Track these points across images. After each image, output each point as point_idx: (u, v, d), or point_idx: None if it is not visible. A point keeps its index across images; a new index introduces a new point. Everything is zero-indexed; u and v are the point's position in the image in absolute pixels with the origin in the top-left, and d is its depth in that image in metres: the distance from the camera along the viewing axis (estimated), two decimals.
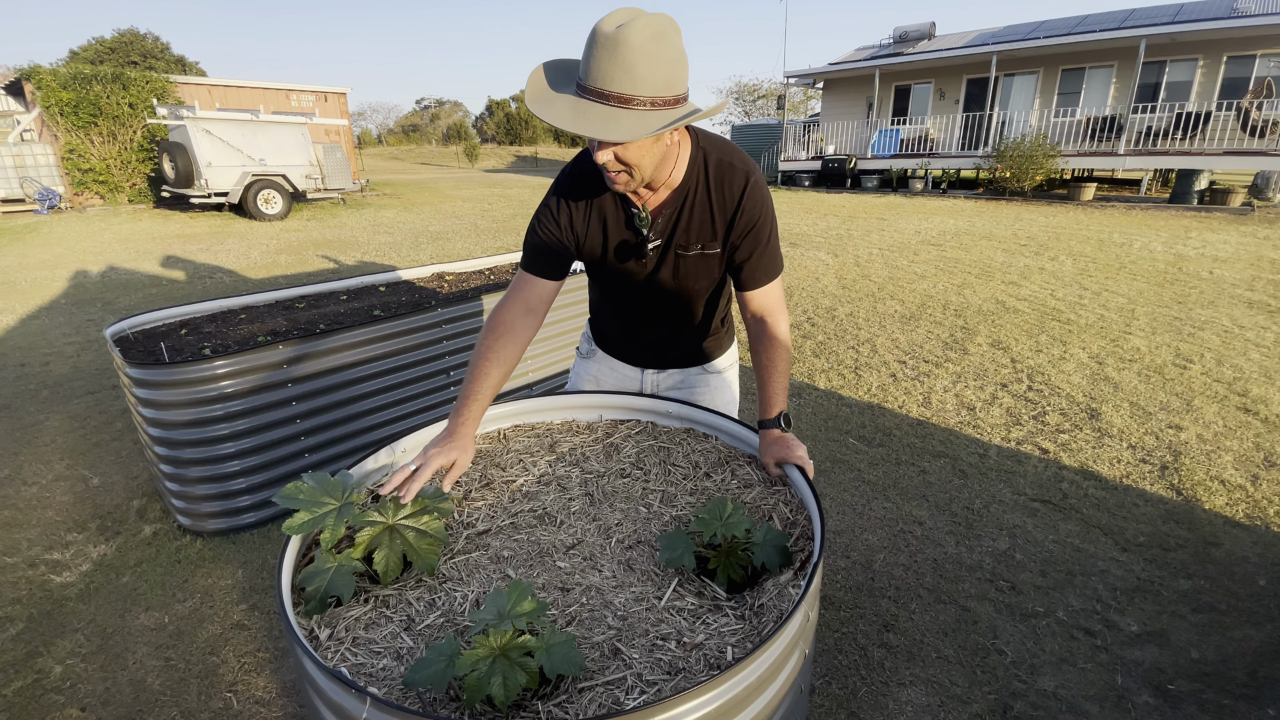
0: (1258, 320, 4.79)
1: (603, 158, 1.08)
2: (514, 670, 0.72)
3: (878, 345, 4.48)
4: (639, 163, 1.10)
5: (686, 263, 1.29)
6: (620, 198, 1.24)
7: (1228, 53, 12.88)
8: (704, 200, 1.23)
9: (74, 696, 1.75)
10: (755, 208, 1.24)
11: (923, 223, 9.98)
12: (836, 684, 1.76)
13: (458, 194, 16.00)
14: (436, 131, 48.84)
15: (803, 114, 30.80)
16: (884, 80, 17.10)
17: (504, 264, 3.95)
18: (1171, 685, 1.73)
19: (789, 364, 1.31)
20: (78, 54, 26.59)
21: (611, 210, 1.26)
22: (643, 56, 0.97)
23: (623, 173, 1.11)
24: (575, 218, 1.26)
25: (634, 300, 1.39)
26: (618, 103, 1.00)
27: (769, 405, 1.27)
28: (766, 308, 1.31)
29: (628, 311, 1.43)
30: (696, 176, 1.22)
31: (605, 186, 1.21)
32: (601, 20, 0.99)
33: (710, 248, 1.27)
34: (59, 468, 2.98)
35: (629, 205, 1.24)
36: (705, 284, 1.34)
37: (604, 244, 1.29)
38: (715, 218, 1.24)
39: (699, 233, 1.25)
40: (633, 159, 1.09)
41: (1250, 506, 2.53)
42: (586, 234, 1.28)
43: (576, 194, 1.25)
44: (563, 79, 1.09)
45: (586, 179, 1.24)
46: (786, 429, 1.23)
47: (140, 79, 12.91)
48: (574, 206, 1.26)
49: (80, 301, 5.92)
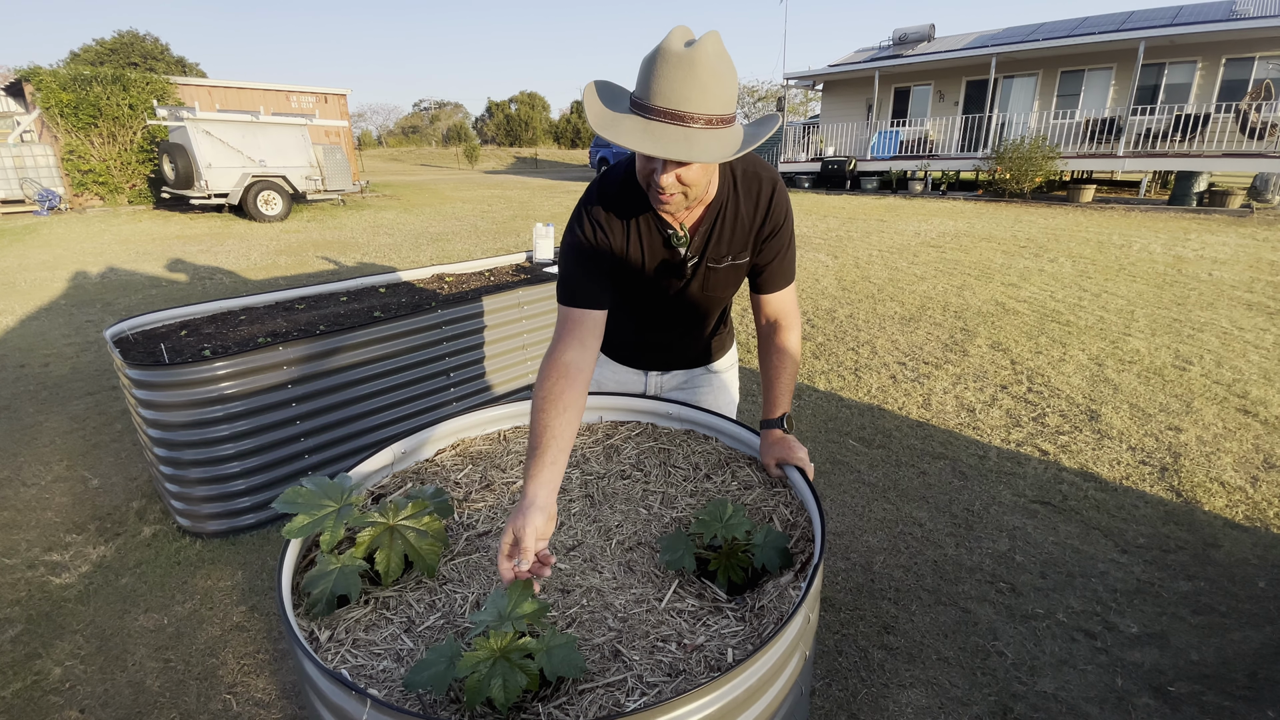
0: (1257, 322, 4.79)
1: (666, 180, 1.04)
2: (514, 672, 0.72)
3: (877, 347, 4.48)
4: (697, 182, 1.08)
5: (717, 275, 1.28)
6: (655, 217, 1.20)
7: (1226, 55, 12.89)
8: (735, 213, 1.22)
9: (73, 698, 1.75)
10: (780, 214, 1.24)
11: (922, 224, 9.98)
12: (837, 686, 1.76)
13: (457, 195, 16.00)
14: (436, 133, 48.89)
15: (802, 115, 30.84)
16: (883, 82, 17.12)
17: (504, 265, 3.96)
18: (1171, 687, 1.73)
19: (796, 368, 1.32)
20: (78, 55, 26.61)
21: (646, 230, 1.21)
22: (714, 75, 0.95)
23: (679, 194, 1.08)
24: (613, 242, 1.20)
25: (656, 312, 1.38)
26: (692, 122, 0.97)
27: (773, 406, 1.28)
28: (782, 311, 1.32)
29: (646, 322, 1.42)
30: (728, 191, 1.20)
31: (635, 207, 1.18)
32: (667, 39, 0.96)
33: (740, 258, 1.27)
34: (58, 469, 2.98)
35: (664, 225, 1.20)
36: (730, 292, 1.35)
37: (642, 265, 1.24)
38: (748, 230, 1.24)
39: (731, 245, 1.24)
40: (693, 179, 1.06)
41: (1250, 508, 2.53)
42: (627, 255, 1.22)
43: (609, 218, 1.20)
44: (615, 99, 1.05)
45: (615, 201, 1.20)
46: (788, 431, 1.24)
47: (140, 80, 12.91)
48: (610, 231, 1.20)
49: (80, 302, 5.92)
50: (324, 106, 16.37)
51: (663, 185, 1.05)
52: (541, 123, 46.59)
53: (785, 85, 20.04)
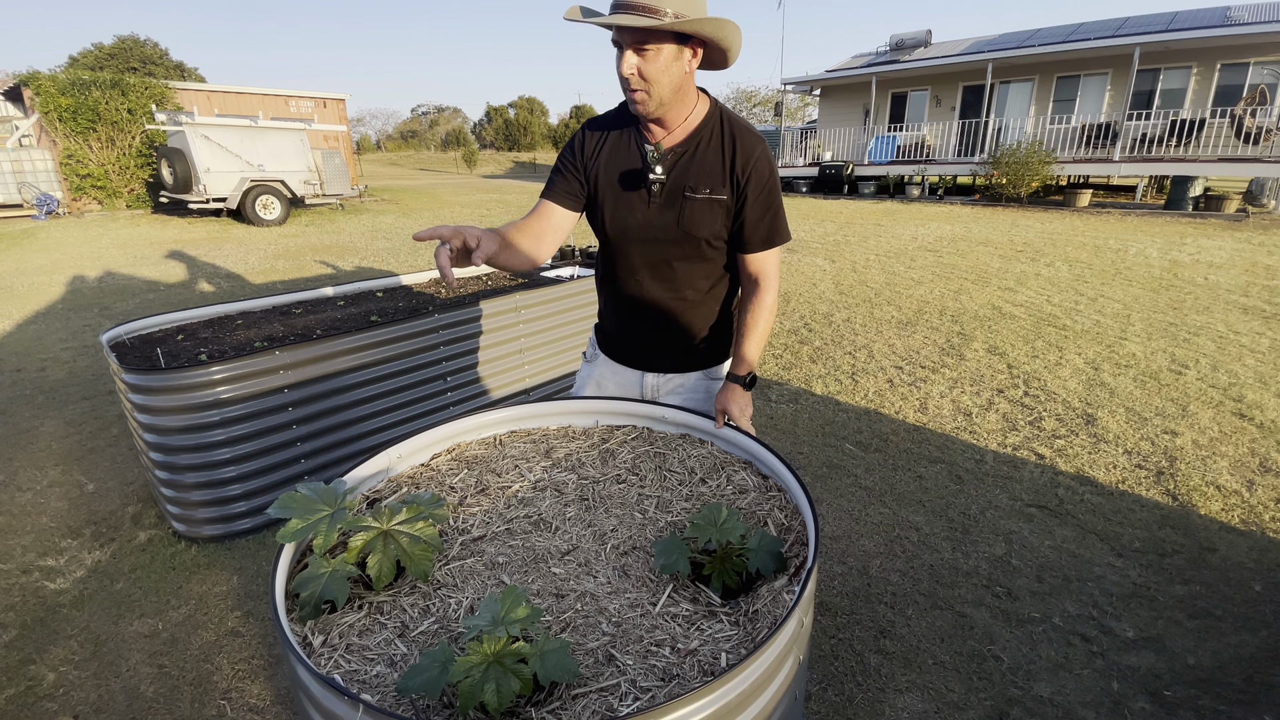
0: (1252, 326, 4.81)
1: (626, 68, 1.18)
2: (508, 677, 0.72)
3: (874, 351, 4.48)
4: (658, 79, 1.21)
5: (694, 206, 1.33)
6: (637, 137, 1.34)
7: (1221, 60, 12.97)
8: (716, 146, 1.32)
9: (67, 704, 1.74)
10: (766, 168, 1.33)
11: (919, 229, 10.01)
12: (833, 690, 1.76)
13: (456, 199, 16.02)
14: (435, 138, 48.94)
15: (800, 120, 30.93)
16: (881, 87, 17.19)
17: (502, 271, 3.96)
18: (1168, 691, 1.73)
19: (768, 329, 1.43)
20: (77, 60, 26.59)
21: (626, 144, 1.36)
22: None
23: (642, 91, 1.22)
24: (588, 146, 1.38)
25: (638, 255, 1.41)
26: (645, 12, 1.13)
27: (741, 363, 1.42)
28: (763, 271, 1.40)
29: (631, 273, 1.44)
30: (712, 127, 1.33)
31: (621, 126, 1.36)
32: None
33: (719, 193, 1.33)
34: (54, 473, 2.97)
35: (643, 142, 1.34)
36: (708, 234, 1.36)
37: (617, 173, 1.36)
38: (725, 163, 1.32)
39: (709, 176, 1.32)
40: (653, 75, 1.20)
41: (1246, 512, 2.53)
42: (598, 158, 1.37)
43: (594, 133, 1.38)
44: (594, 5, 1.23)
45: (605, 122, 1.39)
46: (748, 389, 1.39)
47: (139, 85, 12.92)
48: (590, 139, 1.38)
49: (77, 307, 5.91)
50: (323, 111, 16.38)
51: (624, 74, 1.20)
52: (540, 127, 46.69)
53: (783, 90, 20.11)
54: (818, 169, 16.43)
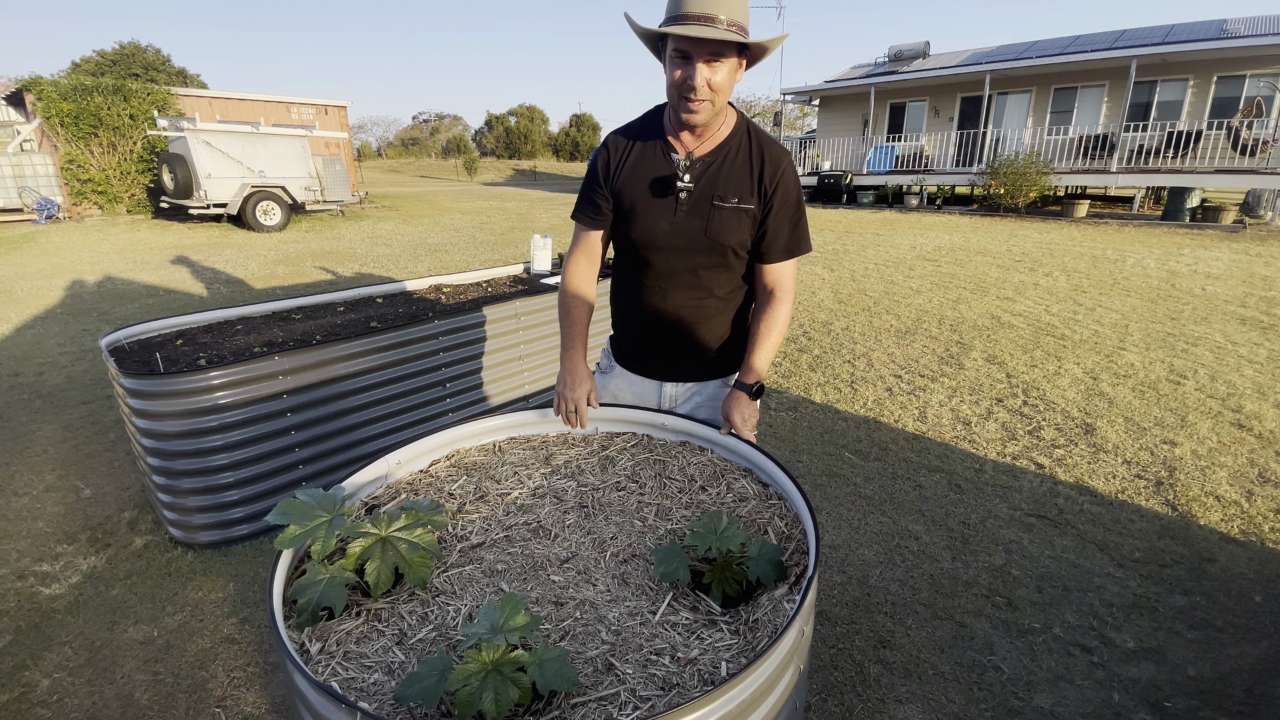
0: (1250, 336, 4.82)
1: (699, 80, 1.20)
2: (506, 685, 0.71)
3: (874, 359, 4.49)
4: (724, 90, 1.24)
5: (721, 215, 1.34)
6: (664, 146, 1.36)
7: (1218, 73, 13.06)
8: (744, 157, 1.35)
9: (61, 711, 1.72)
10: (792, 179, 1.36)
11: (918, 238, 10.04)
12: (833, 701, 1.75)
13: (456, 207, 16.06)
14: (436, 145, 49.14)
15: (799, 130, 31.09)
16: (879, 98, 17.29)
17: (501, 276, 3.97)
18: (1168, 702, 1.72)
19: (780, 340, 1.43)
20: (79, 66, 26.70)
21: (653, 154, 1.37)
22: None
23: (708, 101, 1.24)
24: (613, 160, 1.39)
25: (662, 264, 1.41)
26: (719, 24, 1.16)
27: (749, 371, 1.41)
28: (780, 282, 1.42)
29: (655, 282, 1.44)
30: (740, 138, 1.36)
31: (647, 136, 1.37)
32: None
33: (747, 202, 1.34)
34: (50, 478, 2.96)
35: (670, 150, 1.36)
36: (735, 242, 1.37)
37: (645, 182, 1.37)
38: (753, 173, 1.35)
39: (737, 185, 1.34)
40: (720, 85, 1.23)
41: (1245, 522, 2.53)
42: (623, 169, 1.38)
43: (621, 143, 1.40)
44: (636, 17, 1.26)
45: (630, 132, 1.40)
46: (755, 398, 1.38)
47: (141, 91, 12.96)
48: (617, 150, 1.40)
49: (76, 311, 5.90)
50: (324, 118, 16.44)
51: (696, 85, 1.21)
52: (540, 135, 46.88)
53: (782, 100, 20.22)
54: (817, 178, 16.49)
